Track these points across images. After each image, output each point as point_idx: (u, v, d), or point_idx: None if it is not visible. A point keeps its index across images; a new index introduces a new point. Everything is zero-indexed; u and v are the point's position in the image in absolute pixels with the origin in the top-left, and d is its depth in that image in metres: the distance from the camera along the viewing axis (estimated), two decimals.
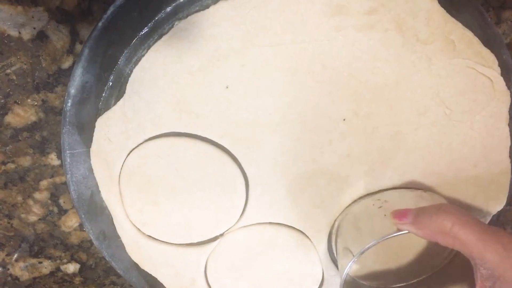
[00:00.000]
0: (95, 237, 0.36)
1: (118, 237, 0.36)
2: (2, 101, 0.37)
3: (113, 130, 0.33)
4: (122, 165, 0.34)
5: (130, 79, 0.32)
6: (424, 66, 0.32)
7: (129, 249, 0.37)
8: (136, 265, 0.37)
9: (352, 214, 0.35)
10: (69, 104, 0.33)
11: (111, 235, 0.37)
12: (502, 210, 0.35)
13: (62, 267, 0.45)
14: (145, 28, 0.32)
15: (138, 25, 0.32)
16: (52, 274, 0.46)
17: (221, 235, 0.36)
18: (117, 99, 0.33)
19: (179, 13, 0.32)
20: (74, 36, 0.36)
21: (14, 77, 0.37)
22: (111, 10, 0.31)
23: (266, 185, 0.35)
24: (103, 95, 0.34)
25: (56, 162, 0.41)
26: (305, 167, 0.34)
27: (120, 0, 0.31)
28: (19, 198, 0.41)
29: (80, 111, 0.33)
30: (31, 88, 0.37)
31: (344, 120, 0.33)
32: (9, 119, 0.38)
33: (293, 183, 0.35)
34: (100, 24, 0.31)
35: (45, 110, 0.38)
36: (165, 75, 0.32)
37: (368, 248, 0.29)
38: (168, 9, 0.31)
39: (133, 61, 0.33)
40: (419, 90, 0.32)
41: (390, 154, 0.34)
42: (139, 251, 0.37)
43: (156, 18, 0.32)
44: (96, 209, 0.36)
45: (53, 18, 0.35)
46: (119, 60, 0.33)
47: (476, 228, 0.27)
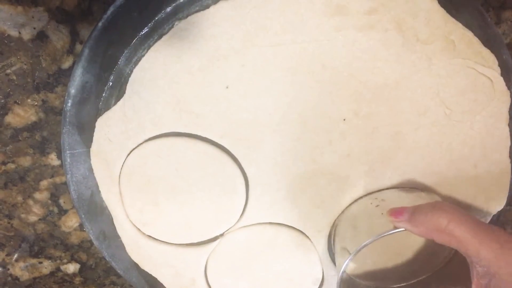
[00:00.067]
0: (95, 237, 0.36)
1: (118, 237, 0.36)
2: (2, 101, 0.37)
3: (113, 130, 0.33)
4: (122, 165, 0.34)
5: (130, 79, 0.32)
6: (424, 66, 0.32)
7: (129, 249, 0.37)
8: (136, 265, 0.37)
9: (350, 213, 0.35)
10: (69, 104, 0.33)
11: (111, 235, 0.36)
12: (502, 210, 0.35)
13: (62, 267, 0.45)
14: (145, 28, 0.32)
15: (138, 25, 0.32)
16: (52, 274, 0.46)
17: (221, 235, 0.36)
18: (117, 99, 0.33)
19: (179, 13, 0.32)
20: (74, 36, 0.36)
21: (14, 77, 0.37)
22: (111, 10, 0.31)
23: (266, 185, 0.35)
24: (103, 95, 0.34)
25: (56, 162, 0.41)
26: (305, 167, 0.34)
27: (120, 0, 0.31)
28: (19, 198, 0.41)
29: (80, 111, 0.33)
30: (31, 88, 0.37)
31: (344, 120, 0.33)
32: (9, 119, 0.38)
33: (293, 183, 0.35)
34: (100, 24, 0.31)
35: (45, 110, 0.38)
36: (165, 75, 0.32)
37: (364, 246, 0.29)
38: (168, 9, 0.31)
39: (133, 61, 0.33)
40: (419, 90, 0.32)
41: (390, 154, 0.34)
42: (139, 251, 0.37)
43: (156, 18, 0.32)
44: (96, 209, 0.36)
45: (53, 18, 0.35)
46: (119, 60, 0.33)
47: (471, 225, 0.27)
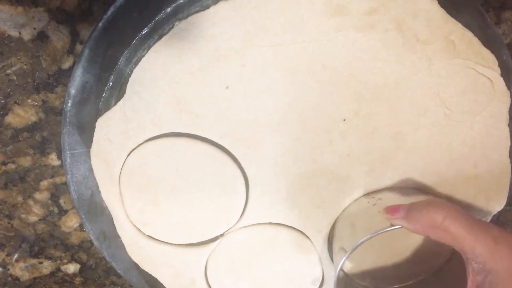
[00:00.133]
0: (95, 237, 0.36)
1: (118, 237, 0.36)
2: (3, 101, 0.37)
3: (113, 131, 0.33)
4: (122, 165, 0.34)
5: (130, 79, 0.32)
6: (424, 66, 0.32)
7: (129, 249, 0.37)
8: (136, 265, 0.37)
9: (348, 213, 0.35)
10: (69, 105, 0.33)
11: (111, 235, 0.37)
12: (502, 210, 0.35)
13: (63, 267, 0.45)
14: (145, 28, 0.32)
15: (138, 26, 0.32)
16: (52, 274, 0.46)
17: (221, 235, 0.36)
18: (117, 100, 0.33)
19: (179, 14, 0.32)
20: (75, 36, 0.36)
21: (15, 78, 0.37)
22: (111, 10, 0.31)
23: (266, 185, 0.35)
24: (103, 95, 0.34)
25: (56, 163, 0.41)
26: (305, 167, 0.34)
27: (120, 0, 0.31)
28: (20, 199, 0.41)
29: (80, 111, 0.33)
30: (32, 89, 0.37)
31: (344, 120, 0.33)
32: (9, 119, 0.38)
33: (293, 183, 0.35)
34: (100, 25, 0.31)
35: (45, 111, 0.38)
36: (165, 75, 0.32)
37: (360, 243, 0.30)
38: (168, 9, 0.31)
39: (133, 61, 0.33)
40: (419, 90, 0.32)
41: (390, 154, 0.34)
42: (139, 251, 0.37)
43: (156, 19, 0.32)
44: (96, 210, 0.36)
45: (54, 18, 0.35)
46: (119, 60, 0.33)
47: (466, 222, 0.27)
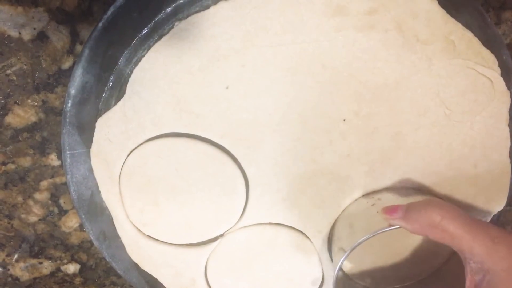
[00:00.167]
0: (95, 237, 0.36)
1: (118, 237, 0.36)
2: (2, 101, 0.37)
3: (113, 131, 0.33)
4: (122, 166, 0.34)
5: (130, 80, 0.32)
6: (424, 66, 0.32)
7: (129, 250, 0.37)
8: (136, 265, 0.37)
9: (347, 213, 0.35)
10: (69, 105, 0.33)
11: (111, 236, 0.36)
12: (502, 210, 0.35)
13: (63, 267, 0.45)
14: (145, 28, 0.32)
15: (138, 26, 0.32)
16: (52, 274, 0.46)
17: (221, 235, 0.36)
18: (117, 100, 0.33)
19: (179, 14, 0.32)
20: (74, 36, 0.36)
21: (14, 78, 0.37)
22: (111, 10, 0.31)
23: (266, 185, 0.35)
24: (103, 95, 0.34)
25: (56, 163, 0.41)
26: (305, 167, 0.34)
27: (120, 0, 0.31)
28: (20, 199, 0.41)
29: (80, 111, 0.33)
30: (31, 89, 0.37)
31: (344, 120, 0.33)
32: (9, 119, 0.38)
33: (293, 183, 0.35)
34: (100, 25, 0.31)
35: (45, 111, 0.38)
36: (165, 75, 0.32)
37: (359, 244, 0.30)
38: (168, 9, 0.31)
39: (133, 61, 0.33)
40: (419, 91, 0.32)
41: (390, 154, 0.34)
42: (139, 251, 0.37)
43: (156, 19, 0.32)
44: (96, 210, 0.36)
45: (53, 18, 0.35)
46: (119, 60, 0.33)
47: (464, 222, 0.27)
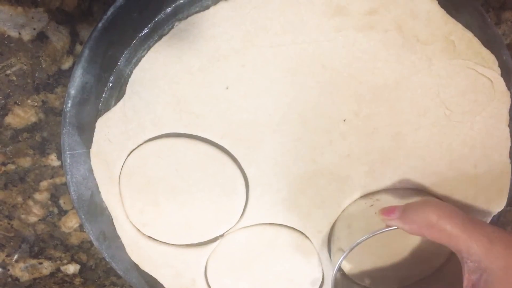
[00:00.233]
0: (95, 237, 0.36)
1: (118, 237, 0.36)
2: (2, 102, 0.37)
3: (113, 131, 0.33)
4: (122, 166, 0.34)
5: (130, 80, 0.32)
6: (424, 66, 0.32)
7: (129, 250, 0.37)
8: (136, 265, 0.37)
9: (346, 214, 0.35)
10: (69, 105, 0.33)
11: (111, 236, 0.36)
12: (502, 210, 0.35)
13: (62, 267, 0.45)
14: (145, 29, 0.32)
15: (138, 26, 0.32)
16: (52, 274, 0.46)
17: (221, 235, 0.36)
18: (117, 100, 0.33)
19: (179, 14, 0.32)
20: (74, 37, 0.36)
21: (14, 78, 0.37)
22: (111, 10, 0.31)
23: (266, 185, 0.35)
24: (103, 95, 0.34)
25: (56, 163, 0.41)
26: (305, 167, 0.34)
27: (120, 1, 0.31)
28: (19, 199, 0.41)
29: (80, 112, 0.33)
30: (31, 89, 0.37)
31: (345, 120, 0.33)
32: (9, 120, 0.38)
33: (293, 184, 0.35)
34: (100, 25, 0.31)
35: (45, 111, 0.38)
36: (165, 75, 0.32)
37: (357, 244, 0.30)
38: (168, 10, 0.31)
39: (133, 61, 0.33)
40: (419, 91, 0.32)
41: (390, 155, 0.34)
42: (139, 251, 0.37)
43: (156, 19, 0.32)
44: (96, 210, 0.36)
45: (53, 19, 0.35)
46: (119, 60, 0.33)
47: (461, 221, 0.27)
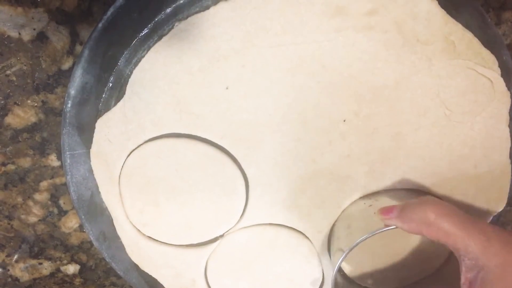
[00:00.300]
0: (95, 238, 0.36)
1: (118, 238, 0.36)
2: (2, 102, 0.37)
3: (113, 131, 0.33)
4: (122, 166, 0.34)
5: (130, 80, 0.32)
6: (424, 67, 0.32)
7: (129, 250, 0.37)
8: (136, 266, 0.37)
9: (345, 214, 0.35)
10: (69, 105, 0.33)
11: (111, 236, 0.36)
12: (503, 211, 0.35)
13: (62, 268, 0.45)
14: (145, 29, 0.32)
15: (138, 26, 0.32)
16: (52, 275, 0.46)
17: (221, 236, 0.36)
18: (117, 100, 0.33)
19: (179, 14, 0.32)
20: (74, 37, 0.36)
21: (14, 78, 0.37)
22: (111, 11, 0.31)
23: (266, 185, 0.35)
24: (103, 96, 0.34)
25: (56, 163, 0.41)
26: (305, 167, 0.34)
27: (120, 1, 0.31)
28: (19, 199, 0.41)
29: (80, 112, 0.33)
30: (31, 89, 0.37)
31: (344, 121, 0.33)
32: (9, 120, 0.38)
33: (293, 184, 0.35)
34: (100, 25, 0.31)
35: (45, 111, 0.38)
36: (165, 76, 0.32)
37: (357, 244, 0.30)
38: (168, 10, 0.31)
39: (133, 62, 0.33)
40: (419, 91, 0.32)
41: (390, 155, 0.34)
42: (139, 252, 0.37)
43: (156, 19, 0.32)
44: (96, 210, 0.36)
45: (53, 19, 0.35)
46: (119, 61, 0.33)
47: (459, 219, 0.27)
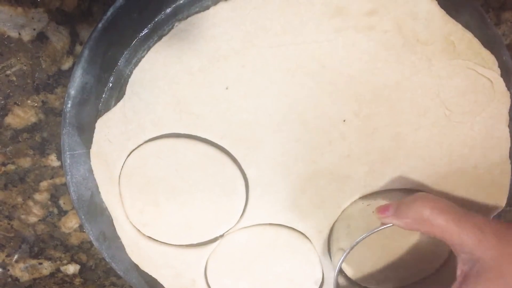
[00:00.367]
0: (95, 238, 0.36)
1: (118, 238, 0.36)
2: (2, 102, 0.37)
3: (113, 131, 0.33)
4: (122, 166, 0.34)
5: (130, 80, 0.32)
6: (424, 67, 0.32)
7: (129, 250, 0.37)
8: (136, 266, 0.37)
9: (345, 214, 0.35)
10: (69, 105, 0.33)
11: (111, 236, 0.36)
12: (502, 211, 0.35)
13: (62, 268, 0.45)
14: (145, 29, 0.32)
15: (138, 26, 0.32)
16: (52, 275, 0.46)
17: (221, 236, 0.36)
18: (117, 100, 0.33)
19: (179, 14, 0.32)
20: (74, 37, 0.36)
21: (14, 78, 0.37)
22: (111, 11, 0.31)
23: (266, 185, 0.35)
24: (103, 96, 0.34)
25: (56, 163, 0.41)
26: (305, 167, 0.34)
27: (120, 1, 0.31)
28: (19, 199, 0.41)
29: (80, 112, 0.33)
30: (31, 89, 0.37)
31: (344, 121, 0.33)
32: (9, 120, 0.38)
33: (293, 184, 0.35)
34: (100, 25, 0.31)
35: (45, 111, 0.38)
36: (165, 76, 0.32)
37: (357, 243, 0.30)
38: (168, 10, 0.31)
39: (133, 62, 0.33)
40: (419, 91, 0.32)
41: (390, 155, 0.34)
42: (139, 252, 0.37)
43: (156, 19, 0.32)
44: (96, 210, 0.36)
45: (53, 19, 0.35)
46: (119, 61, 0.33)
47: (453, 213, 0.28)
